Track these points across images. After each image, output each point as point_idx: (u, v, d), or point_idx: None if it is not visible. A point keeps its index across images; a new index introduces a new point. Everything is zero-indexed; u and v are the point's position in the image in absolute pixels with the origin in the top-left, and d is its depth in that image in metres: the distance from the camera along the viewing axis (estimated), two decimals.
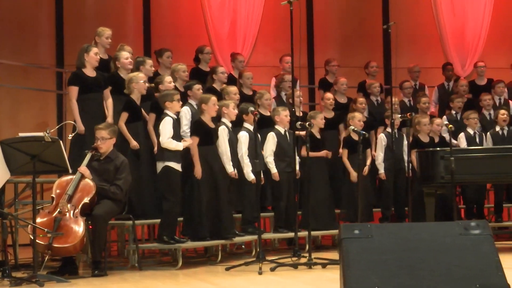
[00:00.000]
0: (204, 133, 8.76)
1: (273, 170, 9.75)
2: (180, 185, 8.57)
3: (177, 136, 8.51)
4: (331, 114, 10.95)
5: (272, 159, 9.77)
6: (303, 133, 9.29)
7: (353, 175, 10.35)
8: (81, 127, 8.73)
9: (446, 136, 10.50)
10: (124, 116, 8.86)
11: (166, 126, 8.42)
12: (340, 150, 10.61)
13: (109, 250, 9.07)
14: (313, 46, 13.75)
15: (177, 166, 8.44)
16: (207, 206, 8.67)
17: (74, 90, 8.86)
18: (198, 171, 8.65)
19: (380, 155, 10.78)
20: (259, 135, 9.73)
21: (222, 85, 10.29)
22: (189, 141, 8.59)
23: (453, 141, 10.30)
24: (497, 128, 11.18)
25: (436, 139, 10.77)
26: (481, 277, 4.63)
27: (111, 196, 7.87)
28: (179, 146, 8.43)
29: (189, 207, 8.77)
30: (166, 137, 8.37)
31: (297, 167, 9.56)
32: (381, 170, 10.77)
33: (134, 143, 8.80)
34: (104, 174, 7.98)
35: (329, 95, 11.14)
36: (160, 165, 8.46)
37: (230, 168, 8.90)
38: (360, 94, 11.93)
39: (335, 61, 12.26)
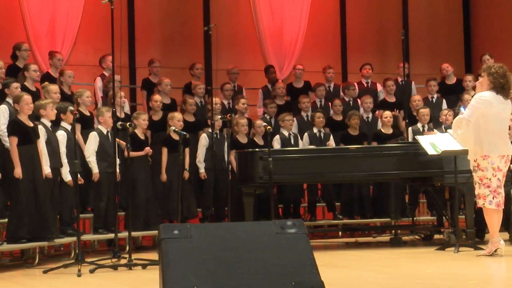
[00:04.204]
0: (22, 133, 8.51)
1: (95, 170, 9.63)
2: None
3: None
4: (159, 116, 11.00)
5: (94, 159, 9.64)
6: (123, 143, 9.26)
7: (163, 177, 10.45)
8: None
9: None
10: None
11: None
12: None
13: None
14: (134, 46, 13.67)
15: None
16: (28, 206, 8.45)
17: None
18: (17, 171, 8.40)
19: (200, 155, 10.89)
20: (80, 135, 9.62)
21: (34, 83, 10.08)
22: None
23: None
24: (315, 130, 11.55)
25: (259, 141, 10.99)
26: (296, 275, 4.76)
27: None
28: None
29: (11, 208, 8.54)
30: None
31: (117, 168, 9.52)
32: (202, 170, 10.88)
33: None
34: None
35: (157, 97, 11.15)
36: None
37: (47, 169, 8.73)
38: (187, 95, 12.01)
39: (157, 61, 12.28)
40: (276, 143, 11.16)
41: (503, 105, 8.11)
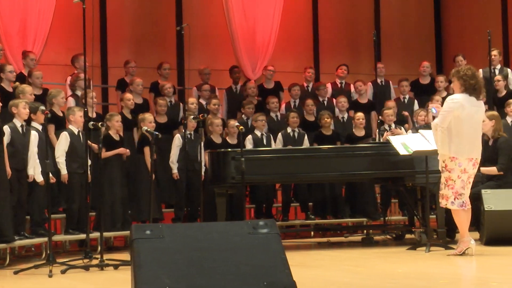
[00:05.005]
0: None
1: (63, 171, 9.55)
2: None
3: None
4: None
5: (63, 160, 9.56)
6: (95, 146, 9.24)
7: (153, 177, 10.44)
8: None
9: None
10: None
11: None
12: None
13: None
14: (106, 45, 13.61)
15: None
16: None
17: None
18: None
19: (173, 155, 10.86)
20: (54, 135, 9.57)
21: (11, 84, 10.01)
22: None
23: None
24: (289, 130, 11.56)
25: (233, 141, 10.99)
26: (268, 275, 4.77)
27: None
28: None
29: None
30: None
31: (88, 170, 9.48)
32: (174, 170, 10.85)
33: None
34: None
35: (128, 95, 11.12)
36: None
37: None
38: (151, 95, 11.99)
39: (133, 62, 12.24)
40: (248, 143, 11.16)
41: (475, 108, 8.16)
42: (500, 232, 9.06)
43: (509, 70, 12.63)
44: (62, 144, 9.56)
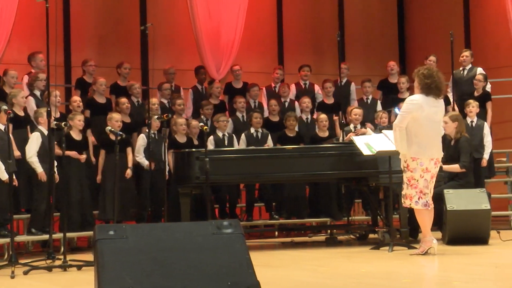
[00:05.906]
0: None
1: (39, 169, 9.48)
2: None
3: None
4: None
5: (36, 159, 9.49)
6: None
7: (99, 178, 10.42)
8: None
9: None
10: None
11: None
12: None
13: None
14: (69, 44, 13.51)
15: None
16: None
17: None
18: None
19: (138, 151, 10.81)
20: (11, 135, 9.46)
21: None
22: None
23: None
24: (252, 130, 11.56)
25: (195, 141, 10.99)
26: (232, 275, 4.78)
27: None
28: None
29: None
30: None
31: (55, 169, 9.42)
32: (146, 162, 10.75)
33: None
34: None
35: (76, 97, 11.04)
36: None
37: None
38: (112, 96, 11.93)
39: (92, 60, 12.14)
40: (210, 144, 11.11)
41: (434, 109, 8.24)
42: (462, 231, 9.16)
43: (479, 69, 12.68)
44: (34, 144, 9.52)
